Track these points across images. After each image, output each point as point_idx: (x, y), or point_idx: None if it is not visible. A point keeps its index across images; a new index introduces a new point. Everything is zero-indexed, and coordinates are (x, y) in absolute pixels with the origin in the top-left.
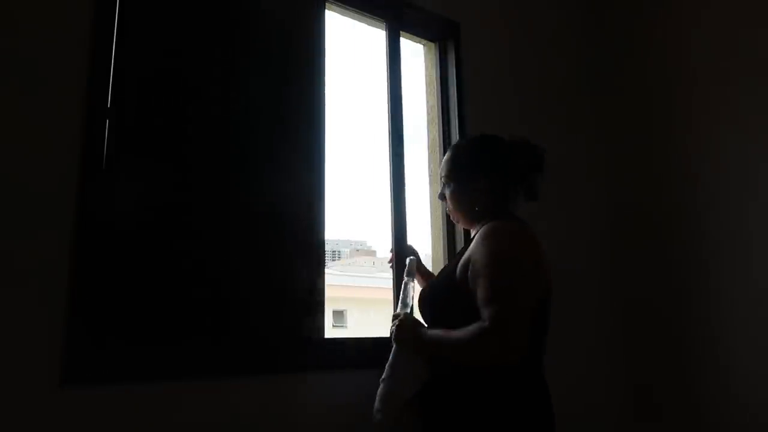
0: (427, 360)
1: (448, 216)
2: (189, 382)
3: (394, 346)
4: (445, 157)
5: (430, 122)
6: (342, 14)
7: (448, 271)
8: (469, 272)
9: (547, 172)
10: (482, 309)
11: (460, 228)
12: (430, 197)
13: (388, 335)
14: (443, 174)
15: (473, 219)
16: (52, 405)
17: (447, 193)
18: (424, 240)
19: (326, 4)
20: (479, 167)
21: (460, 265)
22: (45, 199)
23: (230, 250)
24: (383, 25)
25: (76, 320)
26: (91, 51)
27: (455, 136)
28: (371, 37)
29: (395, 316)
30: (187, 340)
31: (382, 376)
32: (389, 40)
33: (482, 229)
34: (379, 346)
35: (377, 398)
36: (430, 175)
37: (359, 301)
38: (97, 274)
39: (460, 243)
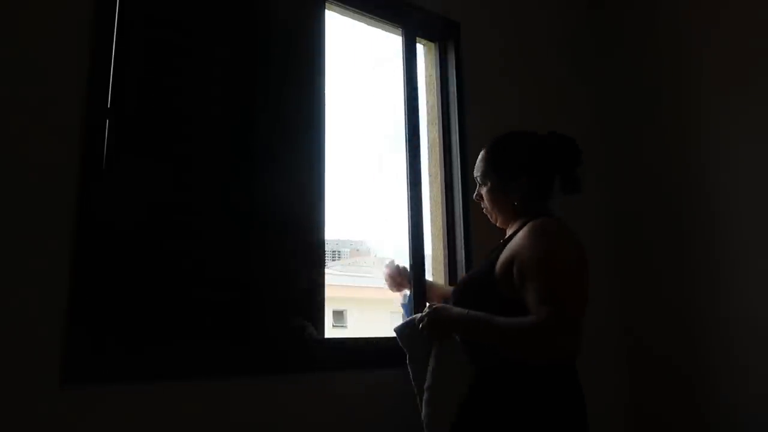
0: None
1: (447, 216)
2: (188, 382)
3: (436, 345)
4: (480, 157)
5: (430, 122)
6: (343, 15)
7: (484, 267)
8: (515, 271)
9: (584, 164)
10: (537, 307)
11: (460, 228)
12: (431, 197)
13: (419, 330)
14: (478, 174)
15: (511, 217)
16: (52, 405)
17: (483, 192)
18: (424, 240)
19: (326, 4)
20: (517, 164)
21: (500, 263)
22: (45, 199)
23: (230, 250)
24: (383, 25)
25: (76, 320)
26: (91, 51)
27: (455, 136)
28: (372, 37)
29: (420, 318)
30: (186, 340)
31: (426, 384)
32: (405, 45)
33: (527, 227)
34: (379, 346)
35: (430, 409)
36: (430, 175)
37: (359, 301)
38: (97, 275)
39: (460, 243)
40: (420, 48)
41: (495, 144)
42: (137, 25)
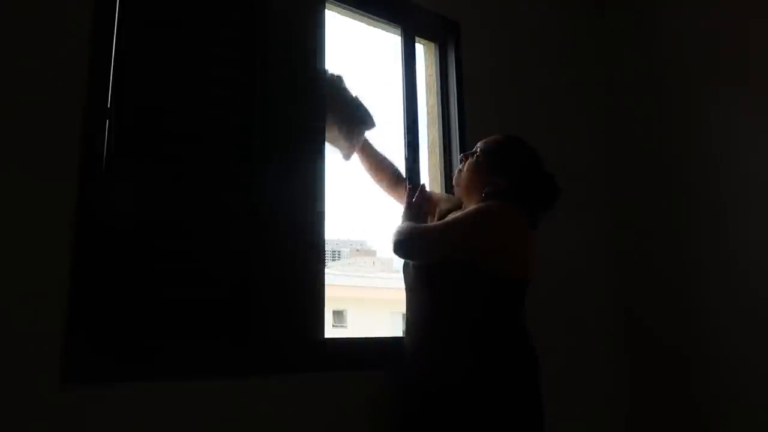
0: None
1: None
2: (188, 382)
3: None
4: (495, 139)
5: (430, 122)
6: (342, 14)
7: None
8: None
9: (553, 213)
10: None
11: None
12: None
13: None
14: (483, 148)
15: (473, 199)
16: (52, 405)
17: (471, 161)
18: None
19: (326, 4)
20: (512, 170)
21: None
22: (45, 199)
23: (230, 250)
24: (382, 25)
25: (76, 320)
26: (90, 51)
27: (455, 136)
28: (372, 37)
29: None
30: (186, 340)
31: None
32: (404, 45)
33: (477, 205)
34: (379, 346)
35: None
36: (430, 175)
37: (359, 301)
38: (97, 274)
39: None
40: (420, 48)
41: (513, 142)
42: (137, 25)
